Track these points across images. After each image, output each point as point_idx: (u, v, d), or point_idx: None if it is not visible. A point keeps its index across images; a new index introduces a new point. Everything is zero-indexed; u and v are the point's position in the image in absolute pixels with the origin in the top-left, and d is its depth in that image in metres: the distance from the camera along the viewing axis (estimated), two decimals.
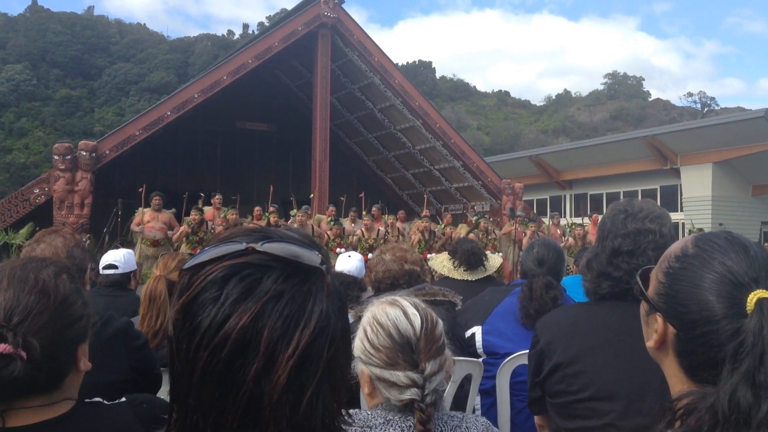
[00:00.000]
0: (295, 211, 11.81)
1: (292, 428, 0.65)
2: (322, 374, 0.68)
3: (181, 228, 10.46)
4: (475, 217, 13.47)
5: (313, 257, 0.71)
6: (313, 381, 0.67)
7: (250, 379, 0.64)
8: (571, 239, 13.00)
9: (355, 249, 11.39)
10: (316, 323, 0.68)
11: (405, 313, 1.44)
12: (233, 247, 0.70)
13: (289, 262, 0.69)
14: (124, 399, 1.26)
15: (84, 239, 11.82)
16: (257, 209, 11.68)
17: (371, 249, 11.46)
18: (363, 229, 11.87)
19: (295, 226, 11.17)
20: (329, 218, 12.03)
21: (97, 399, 1.23)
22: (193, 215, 10.54)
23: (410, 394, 1.37)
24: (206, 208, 11.19)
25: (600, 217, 2.12)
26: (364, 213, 12.37)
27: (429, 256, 11.59)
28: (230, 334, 0.64)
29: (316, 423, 0.67)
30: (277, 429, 0.64)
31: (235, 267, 0.68)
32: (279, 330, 0.65)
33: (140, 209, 10.77)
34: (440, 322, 1.49)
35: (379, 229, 12.03)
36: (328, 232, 11.64)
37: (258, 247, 0.69)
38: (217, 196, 11.70)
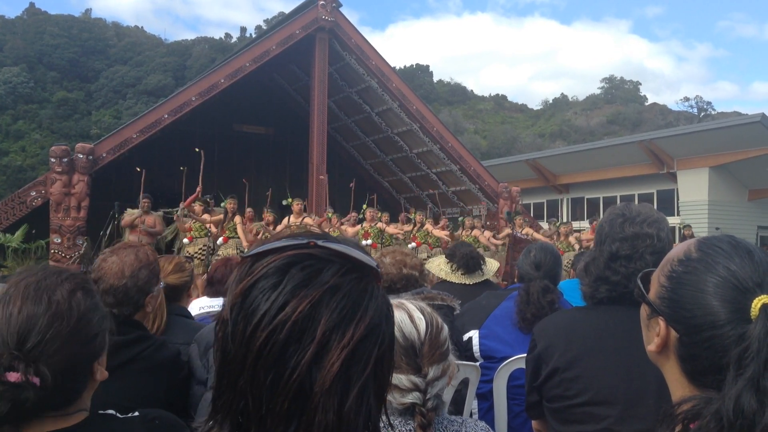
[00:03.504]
0: (290, 200, 11.83)
1: (339, 419, 0.66)
2: (370, 372, 0.70)
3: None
4: (459, 218, 13.53)
5: (369, 258, 0.74)
6: (362, 376, 0.69)
7: (304, 363, 0.66)
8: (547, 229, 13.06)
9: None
10: (371, 319, 0.70)
11: (410, 317, 1.43)
12: (295, 241, 0.73)
13: (348, 257, 0.72)
14: (137, 413, 1.25)
15: (81, 242, 11.80)
16: (249, 211, 11.64)
17: (366, 236, 11.74)
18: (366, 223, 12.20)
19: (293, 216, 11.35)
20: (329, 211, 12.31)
21: (110, 411, 1.22)
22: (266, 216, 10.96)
23: (412, 398, 1.37)
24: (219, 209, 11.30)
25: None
26: (365, 207, 12.56)
27: (410, 245, 11.91)
28: (290, 317, 0.67)
29: (360, 420, 0.68)
30: (324, 417, 0.66)
31: (297, 257, 0.71)
32: (335, 320, 0.68)
33: (128, 210, 10.82)
34: (445, 328, 1.48)
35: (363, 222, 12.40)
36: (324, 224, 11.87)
37: (319, 243, 0.73)
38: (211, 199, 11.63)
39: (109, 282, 1.97)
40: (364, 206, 12.65)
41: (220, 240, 10.63)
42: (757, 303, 0.84)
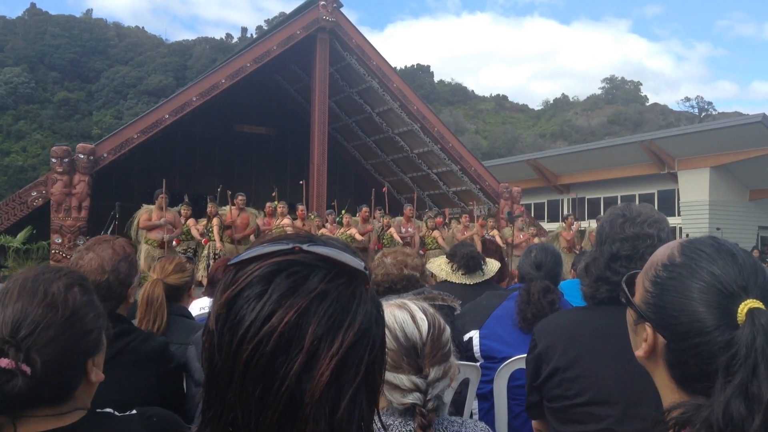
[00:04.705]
0: (276, 202, 11.78)
1: (331, 428, 0.65)
2: (362, 378, 0.68)
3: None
4: (424, 218, 13.37)
5: (356, 261, 0.72)
6: (353, 383, 0.67)
7: (292, 374, 0.64)
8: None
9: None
10: (360, 325, 0.68)
11: (413, 317, 1.43)
12: (279, 246, 0.71)
13: (334, 262, 0.70)
14: (134, 411, 1.25)
15: (82, 242, 11.81)
16: (301, 208, 11.75)
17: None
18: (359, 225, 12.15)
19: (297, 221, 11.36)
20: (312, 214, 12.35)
21: (108, 410, 1.22)
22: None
23: (412, 398, 1.36)
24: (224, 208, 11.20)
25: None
26: (344, 212, 12.57)
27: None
28: (276, 327, 0.65)
29: (352, 427, 0.67)
30: (315, 427, 0.64)
31: (282, 264, 0.69)
32: (323, 328, 0.66)
33: (145, 206, 10.56)
34: (447, 329, 1.47)
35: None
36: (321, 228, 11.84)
37: (304, 247, 0.70)
38: (240, 197, 11.43)
39: (90, 279, 1.96)
40: (343, 211, 12.59)
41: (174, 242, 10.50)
42: (743, 308, 0.82)
